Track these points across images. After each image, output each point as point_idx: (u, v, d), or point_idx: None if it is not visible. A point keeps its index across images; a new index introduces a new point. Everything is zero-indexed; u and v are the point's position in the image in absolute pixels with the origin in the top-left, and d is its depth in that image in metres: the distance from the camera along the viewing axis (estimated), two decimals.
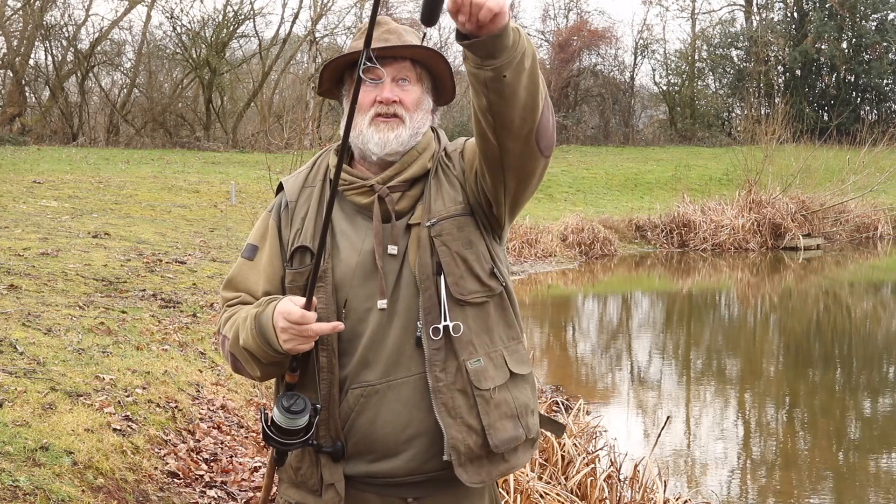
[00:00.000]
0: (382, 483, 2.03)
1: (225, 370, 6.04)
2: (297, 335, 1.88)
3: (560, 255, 16.71)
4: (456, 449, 1.96)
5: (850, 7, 33.73)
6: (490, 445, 1.99)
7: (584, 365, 9.71)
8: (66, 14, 29.97)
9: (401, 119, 2.02)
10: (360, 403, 1.99)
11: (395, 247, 2.00)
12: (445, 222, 2.01)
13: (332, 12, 38.46)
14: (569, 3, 36.47)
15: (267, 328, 1.93)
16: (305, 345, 1.91)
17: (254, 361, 2.01)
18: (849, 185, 20.69)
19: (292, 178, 2.15)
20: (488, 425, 1.99)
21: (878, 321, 12.68)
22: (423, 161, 2.06)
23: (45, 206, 13.16)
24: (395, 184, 2.03)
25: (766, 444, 6.95)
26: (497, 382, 2.02)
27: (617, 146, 32.56)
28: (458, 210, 2.03)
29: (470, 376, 1.98)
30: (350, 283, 2.00)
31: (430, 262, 1.99)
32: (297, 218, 2.07)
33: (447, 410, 1.97)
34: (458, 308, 1.99)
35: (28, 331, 5.37)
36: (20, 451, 3.69)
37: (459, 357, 1.98)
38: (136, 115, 30.84)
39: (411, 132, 2.04)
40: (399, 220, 2.02)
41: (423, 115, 2.07)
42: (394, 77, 2.02)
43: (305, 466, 2.05)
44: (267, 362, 1.99)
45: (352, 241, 2.03)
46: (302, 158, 11.77)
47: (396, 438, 1.99)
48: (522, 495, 4.04)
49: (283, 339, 1.90)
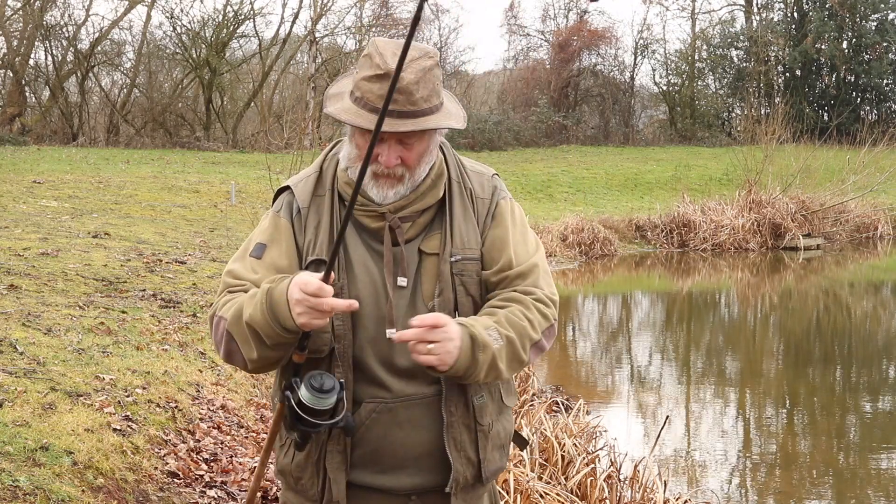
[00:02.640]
0: (383, 496, 2.07)
1: (225, 370, 6.04)
2: (313, 308, 1.82)
3: (560, 255, 16.71)
4: (457, 481, 2.03)
5: (850, 7, 33.71)
6: (482, 477, 2.07)
7: (584, 365, 9.71)
8: (66, 14, 30.00)
9: (401, 179, 1.99)
10: (373, 418, 2.01)
11: (404, 279, 2.01)
12: (468, 262, 2.03)
13: (332, 12, 38.43)
14: (569, 3, 36.49)
15: (279, 302, 1.86)
16: (319, 320, 1.84)
17: (255, 341, 1.92)
18: (849, 185, 20.69)
19: (301, 182, 2.10)
20: (484, 458, 2.06)
21: (878, 321, 12.68)
22: (436, 190, 2.05)
23: (45, 206, 13.16)
24: (407, 213, 2.02)
25: (766, 444, 6.95)
26: (493, 417, 2.09)
27: (617, 146, 32.54)
28: (477, 255, 2.05)
29: (475, 412, 2.04)
30: (364, 304, 1.99)
31: (451, 299, 2.01)
32: (309, 227, 2.05)
33: (455, 445, 2.02)
34: None
35: (28, 331, 5.37)
36: (20, 451, 3.69)
37: (468, 393, 2.03)
38: (136, 115, 30.84)
39: (411, 186, 2.01)
40: (407, 244, 2.02)
41: (429, 159, 2.03)
42: (399, 139, 1.96)
43: (307, 477, 2.05)
44: (271, 343, 1.91)
45: (365, 261, 2.02)
46: (302, 158, 11.77)
47: (403, 455, 2.02)
48: (522, 495, 4.04)
49: (296, 312, 1.83)
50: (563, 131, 33.32)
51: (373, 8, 32.45)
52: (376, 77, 1.92)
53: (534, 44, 37.50)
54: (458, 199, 2.07)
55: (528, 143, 32.27)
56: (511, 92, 35.46)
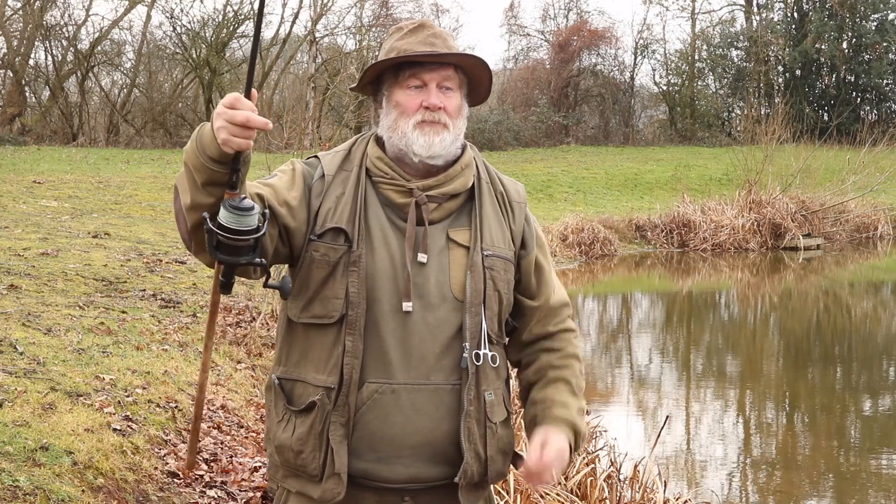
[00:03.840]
0: (379, 487, 2.03)
1: (225, 370, 6.04)
2: (230, 121, 1.74)
3: (560, 255, 16.71)
4: (465, 473, 2.02)
5: (850, 7, 33.71)
6: (487, 476, 2.07)
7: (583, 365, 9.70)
8: (66, 14, 29.97)
9: (445, 125, 2.04)
10: (374, 399, 1.99)
11: (424, 255, 2.02)
12: (498, 260, 2.07)
13: (332, 12, 38.43)
14: (569, 3, 36.49)
15: (207, 130, 1.80)
16: (240, 138, 1.75)
17: (188, 182, 1.83)
18: (849, 185, 20.69)
19: (329, 155, 2.12)
20: (490, 457, 2.06)
21: (878, 321, 12.68)
22: (465, 178, 2.09)
23: (45, 206, 13.16)
24: (435, 194, 2.05)
25: (766, 444, 6.95)
26: (500, 418, 2.10)
27: (617, 146, 32.54)
28: (509, 256, 2.10)
29: (486, 407, 2.04)
30: (379, 276, 2.01)
31: (481, 290, 2.04)
32: (331, 194, 2.05)
33: (468, 435, 2.01)
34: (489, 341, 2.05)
35: (28, 331, 5.37)
36: (20, 451, 3.69)
37: (481, 386, 2.03)
38: (136, 115, 30.82)
39: (454, 137, 2.07)
40: (432, 226, 2.04)
41: (463, 122, 2.11)
42: (438, 83, 2.05)
43: (308, 450, 2.00)
44: (201, 180, 1.80)
45: (386, 234, 2.04)
46: (302, 158, 11.73)
47: (402, 443, 2.00)
48: (522, 495, 4.03)
49: (217, 128, 1.75)
50: (563, 131, 33.31)
51: (373, 8, 32.44)
52: (410, 32, 2.07)
53: (534, 44, 37.53)
54: (487, 198, 2.12)
55: (528, 143, 32.27)
56: (511, 92, 35.45)
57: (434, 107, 2.02)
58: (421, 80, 2.04)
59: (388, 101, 2.07)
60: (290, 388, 2.06)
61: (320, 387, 2.00)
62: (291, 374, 2.06)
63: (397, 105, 2.05)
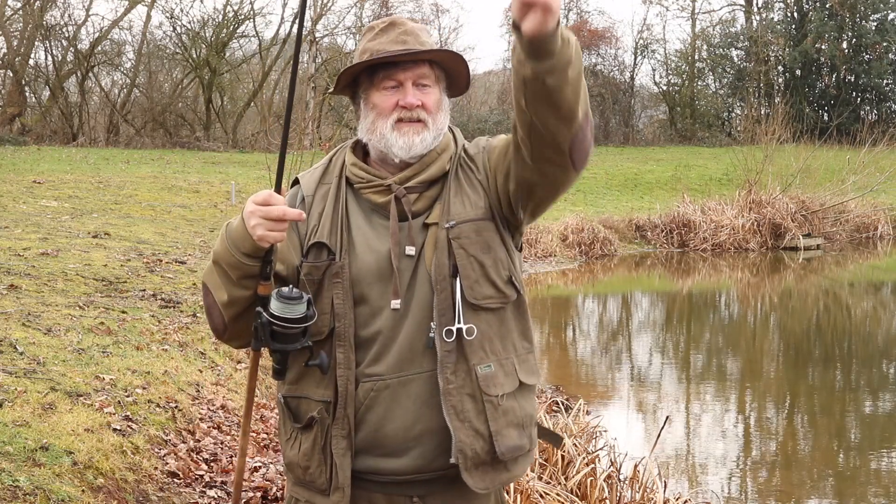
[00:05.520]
0: (388, 481, 2.03)
1: (225, 370, 6.04)
2: (265, 217, 1.85)
3: (560, 255, 16.71)
4: (463, 452, 1.97)
5: (850, 7, 33.72)
6: (496, 452, 2.00)
7: (583, 365, 9.71)
8: (66, 14, 29.98)
9: (424, 123, 2.03)
10: (371, 397, 2.00)
11: (412, 247, 2.01)
12: (465, 225, 2.01)
13: (332, 12, 38.43)
14: (569, 3, 36.47)
15: (237, 226, 1.90)
16: (275, 232, 1.86)
17: (222, 279, 1.94)
18: (849, 185, 20.69)
19: (308, 174, 2.15)
20: (496, 432, 2.00)
21: (878, 321, 12.68)
22: (441, 162, 2.07)
23: (45, 206, 13.16)
24: (413, 184, 2.04)
25: (766, 444, 6.95)
26: (506, 390, 2.03)
27: (617, 146, 32.54)
28: (479, 214, 2.03)
29: (479, 381, 1.99)
30: (366, 280, 2.01)
31: (446, 264, 1.99)
32: (313, 213, 2.07)
33: (456, 413, 1.97)
34: (473, 312, 2.00)
35: (28, 331, 5.37)
36: (20, 451, 3.69)
37: (470, 361, 1.99)
38: (136, 115, 30.82)
39: (434, 134, 2.05)
40: (415, 219, 2.03)
41: (444, 116, 2.09)
42: (414, 81, 2.03)
43: (314, 466, 2.04)
44: (235, 277, 1.92)
45: (368, 238, 2.03)
46: (302, 158, 11.77)
47: (405, 435, 2.00)
48: (522, 495, 4.04)
49: (251, 225, 1.86)
50: None
51: (373, 8, 32.44)
52: (382, 31, 2.05)
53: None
54: (458, 172, 2.08)
55: None
56: (511, 92, 35.39)
57: (410, 105, 2.01)
58: (396, 80, 2.02)
59: (366, 104, 2.07)
60: (296, 405, 2.07)
61: (320, 401, 2.02)
62: (294, 391, 2.08)
63: (374, 107, 2.04)
